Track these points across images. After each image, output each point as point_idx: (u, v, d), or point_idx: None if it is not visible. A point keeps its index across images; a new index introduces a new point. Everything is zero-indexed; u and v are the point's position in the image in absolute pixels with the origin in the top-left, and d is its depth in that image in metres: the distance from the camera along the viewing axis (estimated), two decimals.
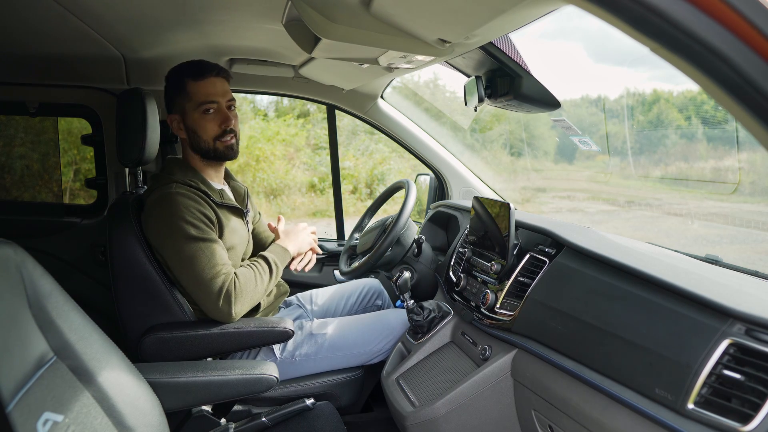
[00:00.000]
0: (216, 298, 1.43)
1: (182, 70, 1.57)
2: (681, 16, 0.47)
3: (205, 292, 1.43)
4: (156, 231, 1.48)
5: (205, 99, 1.54)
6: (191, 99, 1.55)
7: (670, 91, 5.43)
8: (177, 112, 1.58)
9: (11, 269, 0.87)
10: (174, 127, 1.60)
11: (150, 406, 1.05)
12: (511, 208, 1.41)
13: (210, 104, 1.55)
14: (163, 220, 1.46)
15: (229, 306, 1.44)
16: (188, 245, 1.44)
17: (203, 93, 1.54)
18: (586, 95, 6.93)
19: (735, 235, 3.68)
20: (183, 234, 1.44)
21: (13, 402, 0.76)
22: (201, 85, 1.54)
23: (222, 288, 1.43)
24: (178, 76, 1.57)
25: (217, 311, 1.44)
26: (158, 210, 1.48)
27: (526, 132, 6.13)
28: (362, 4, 1.12)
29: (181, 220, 1.44)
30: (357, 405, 1.78)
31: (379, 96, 2.31)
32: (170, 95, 1.59)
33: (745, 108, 0.49)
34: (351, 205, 7.55)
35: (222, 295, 1.43)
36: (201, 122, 1.55)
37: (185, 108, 1.56)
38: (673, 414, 0.82)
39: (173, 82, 1.57)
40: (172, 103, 1.59)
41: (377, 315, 1.77)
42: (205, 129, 1.56)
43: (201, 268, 1.43)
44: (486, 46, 1.45)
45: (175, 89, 1.57)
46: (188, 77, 1.55)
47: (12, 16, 1.40)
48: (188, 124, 1.57)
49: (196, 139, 1.57)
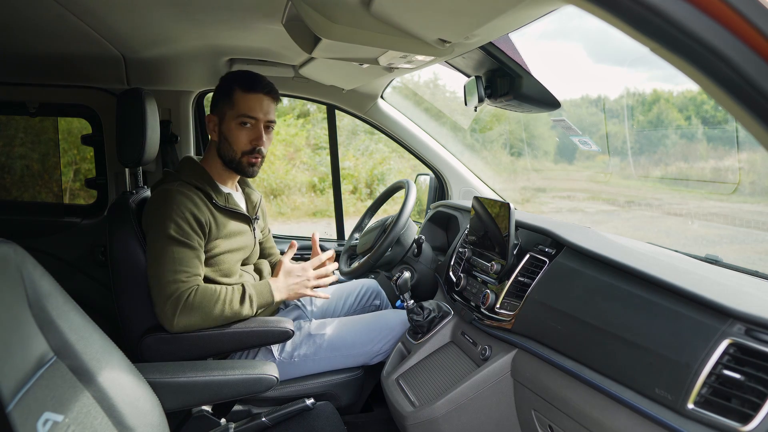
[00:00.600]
0: (164, 300, 1.41)
1: (236, 77, 1.59)
2: (681, 16, 0.47)
3: (156, 291, 1.43)
4: (146, 222, 1.51)
5: (246, 112, 1.56)
6: (233, 107, 1.57)
7: (670, 91, 5.43)
8: (217, 114, 1.60)
9: (11, 269, 0.87)
10: (210, 126, 1.61)
11: (150, 406, 1.05)
12: (511, 208, 1.41)
13: (249, 118, 1.57)
14: (154, 212, 1.48)
15: (173, 313, 1.40)
16: (163, 242, 1.44)
17: (246, 106, 1.56)
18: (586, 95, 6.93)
19: (735, 235, 3.68)
20: (163, 230, 1.44)
21: (13, 402, 0.76)
22: (247, 98, 1.56)
23: (173, 293, 1.41)
24: (229, 81, 1.59)
25: (161, 314, 1.42)
26: (153, 202, 1.50)
27: (526, 132, 6.13)
28: (362, 4, 1.12)
29: (168, 217, 1.45)
30: (357, 405, 1.78)
31: (379, 96, 2.31)
32: (216, 96, 1.61)
33: (745, 108, 0.49)
34: (351, 205, 7.55)
35: (170, 299, 1.41)
36: (235, 132, 1.57)
37: (225, 113, 1.58)
38: (673, 414, 0.82)
39: (223, 85, 1.59)
40: (216, 104, 1.60)
41: (376, 315, 1.77)
42: (237, 140, 1.57)
43: (164, 268, 1.43)
44: (486, 46, 1.45)
45: (222, 92, 1.59)
46: (238, 86, 1.57)
47: (12, 15, 1.40)
48: (223, 129, 1.59)
49: (226, 146, 1.59)
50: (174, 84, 2.17)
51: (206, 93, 2.38)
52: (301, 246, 2.47)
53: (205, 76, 2.20)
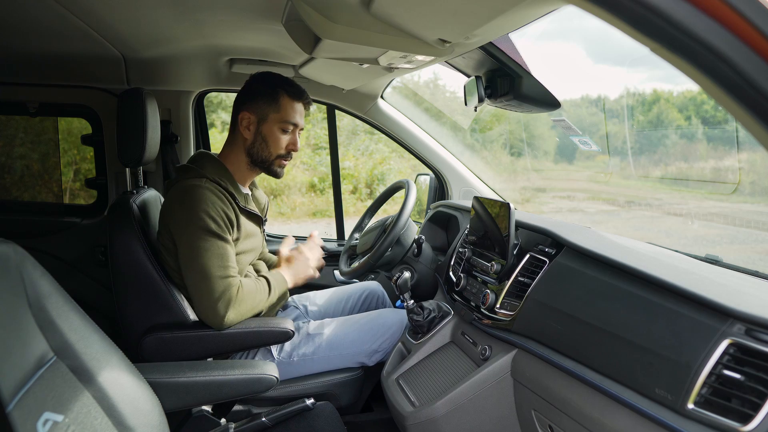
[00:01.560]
0: (217, 298, 1.42)
1: (282, 82, 1.61)
2: (681, 16, 0.47)
3: (207, 289, 1.42)
4: (174, 218, 1.48)
5: (291, 118, 1.60)
6: (279, 111, 1.59)
7: (670, 91, 5.42)
8: (255, 113, 1.59)
9: (11, 269, 0.87)
10: (243, 124, 1.60)
11: (150, 406, 1.05)
12: (511, 208, 1.41)
13: (292, 125, 1.61)
14: (186, 209, 1.45)
15: (225, 309, 1.42)
16: (203, 237, 1.43)
17: (292, 113, 1.60)
18: (586, 95, 6.92)
19: (735, 235, 3.68)
20: (201, 225, 1.43)
21: (13, 402, 0.76)
22: (294, 105, 1.60)
23: (226, 290, 1.42)
24: (275, 84, 1.60)
25: (212, 311, 1.42)
26: (183, 198, 1.47)
27: (526, 132, 6.12)
28: (362, 4, 1.12)
29: (204, 212, 1.44)
30: (357, 405, 1.78)
31: (379, 96, 2.31)
32: (256, 96, 1.59)
33: (745, 108, 0.49)
34: (351, 205, 7.55)
35: (224, 296, 1.42)
36: (276, 135, 1.60)
37: (268, 116, 1.59)
38: (673, 414, 0.82)
39: (268, 86, 1.60)
40: (254, 104, 1.59)
41: (375, 314, 1.77)
42: (276, 143, 1.60)
43: (211, 264, 1.42)
44: (486, 46, 1.45)
45: (266, 94, 1.59)
46: (285, 91, 1.59)
47: (12, 15, 1.40)
48: (262, 130, 1.59)
49: (262, 146, 1.60)
50: (174, 84, 2.17)
51: (206, 93, 2.38)
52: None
53: (205, 76, 2.20)
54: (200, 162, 1.58)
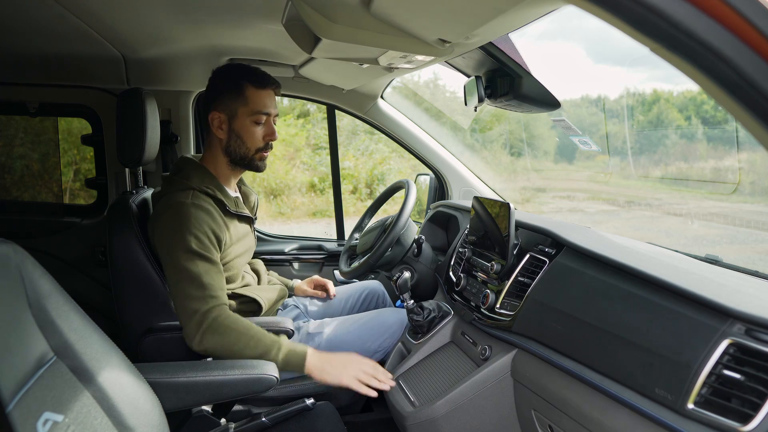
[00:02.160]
0: (188, 317, 1.37)
1: (243, 73, 1.54)
2: (681, 16, 0.47)
3: (181, 309, 1.39)
4: (161, 237, 1.45)
5: (261, 108, 1.53)
6: (247, 104, 1.52)
7: (670, 91, 5.42)
8: (224, 112, 1.54)
9: (11, 269, 0.87)
10: (214, 125, 1.55)
11: (150, 406, 1.05)
12: (511, 208, 1.41)
13: (264, 115, 1.54)
14: (171, 227, 1.42)
15: (196, 332, 1.36)
16: (184, 257, 1.39)
17: (261, 102, 1.53)
18: (586, 95, 6.92)
19: (735, 235, 3.68)
20: (183, 245, 1.39)
21: (13, 402, 0.76)
22: (261, 94, 1.53)
23: (197, 311, 1.37)
24: (237, 77, 1.53)
25: (186, 331, 1.38)
26: (168, 216, 1.44)
27: (526, 132, 6.12)
28: (362, 4, 1.12)
29: (187, 231, 1.40)
30: (357, 405, 1.78)
31: (379, 96, 2.31)
32: (221, 93, 1.54)
33: (745, 108, 0.49)
34: (351, 205, 7.55)
35: (198, 318, 1.37)
36: (250, 129, 1.54)
37: (237, 111, 1.53)
38: (673, 414, 0.82)
39: (230, 81, 1.53)
40: (221, 102, 1.53)
41: (374, 314, 1.77)
42: (252, 137, 1.55)
43: (187, 284, 1.38)
44: (486, 46, 1.45)
45: (230, 90, 1.53)
46: (249, 82, 1.52)
47: (12, 15, 1.40)
48: (235, 127, 1.54)
49: (238, 144, 1.55)
50: (174, 84, 2.17)
51: None
52: (301, 246, 2.47)
53: (205, 76, 2.17)
54: (185, 171, 1.54)
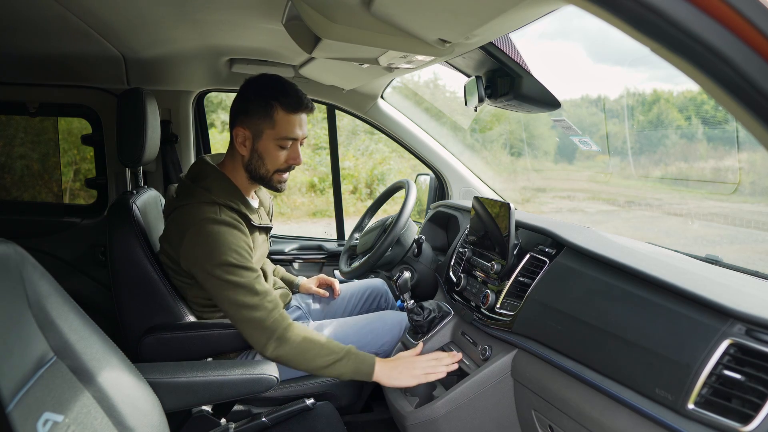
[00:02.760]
0: (257, 325, 1.34)
1: (275, 92, 1.45)
2: (681, 16, 0.47)
3: (246, 318, 1.35)
4: (190, 252, 1.39)
5: (288, 134, 1.47)
6: (275, 127, 1.46)
7: (670, 91, 5.42)
8: (250, 129, 1.47)
9: (11, 269, 0.87)
10: (238, 140, 1.48)
11: (150, 406, 1.05)
12: (511, 208, 1.41)
13: (291, 140, 1.48)
14: (204, 244, 1.37)
15: (268, 340, 1.34)
16: (230, 270, 1.35)
17: (290, 128, 1.46)
18: (586, 95, 6.91)
19: (735, 235, 3.68)
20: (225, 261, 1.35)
21: (13, 402, 0.76)
22: (291, 119, 1.46)
23: (268, 318, 1.35)
24: (267, 96, 1.45)
25: (254, 339, 1.36)
26: (198, 233, 1.38)
27: (526, 132, 6.12)
28: (362, 4, 1.12)
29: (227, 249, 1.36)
30: (357, 405, 1.78)
31: (379, 96, 2.31)
32: (249, 109, 1.46)
33: (745, 108, 0.49)
34: (351, 205, 7.55)
35: (264, 324, 1.34)
36: (273, 152, 1.48)
37: (263, 132, 1.46)
38: (673, 414, 0.82)
39: (261, 98, 1.45)
40: (248, 118, 1.46)
41: (376, 316, 1.77)
42: (274, 160, 1.49)
43: (244, 294, 1.35)
44: (486, 46, 1.45)
45: (259, 108, 1.45)
46: (281, 105, 1.45)
47: (12, 15, 1.40)
48: (258, 147, 1.48)
49: (258, 163, 1.49)
50: (174, 84, 2.17)
51: (206, 93, 2.38)
52: (301, 246, 2.47)
53: (205, 76, 2.20)
54: (208, 181, 1.48)
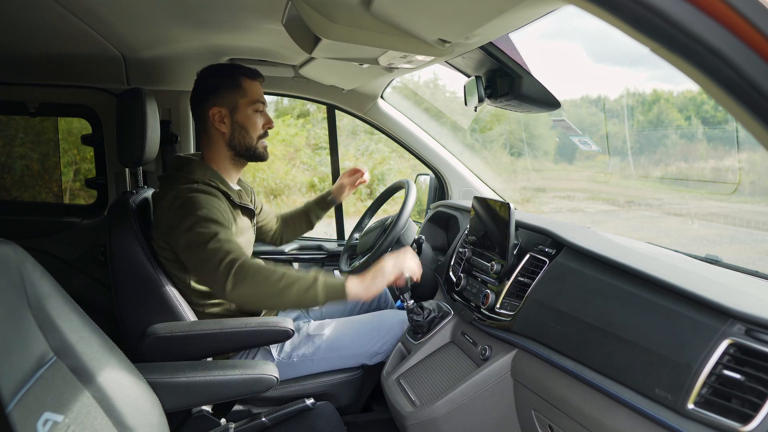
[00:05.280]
0: (215, 266, 1.34)
1: (236, 68, 1.62)
2: (681, 16, 0.47)
3: (206, 263, 1.36)
4: (169, 226, 1.45)
5: (259, 98, 1.62)
6: (246, 95, 1.59)
7: (670, 91, 5.42)
8: (225, 106, 1.59)
9: (11, 269, 0.87)
10: (216, 119, 1.59)
11: (150, 406, 1.05)
12: (511, 208, 1.41)
13: (261, 104, 1.63)
14: (179, 212, 1.43)
15: (226, 278, 1.32)
16: (198, 223, 1.39)
17: (258, 92, 1.62)
18: (586, 95, 6.91)
19: (735, 235, 3.68)
20: (195, 215, 1.40)
21: (13, 402, 0.76)
22: (256, 85, 1.62)
23: (225, 259, 1.34)
24: (232, 72, 1.61)
25: (213, 281, 1.35)
26: (176, 206, 1.44)
27: (526, 132, 6.12)
28: (362, 4, 1.12)
29: (199, 206, 1.42)
30: (357, 405, 1.78)
31: (379, 96, 2.31)
32: (218, 89, 1.59)
33: (745, 108, 0.49)
34: (351, 205, 7.55)
35: (221, 265, 1.34)
36: (252, 119, 1.61)
37: (238, 103, 1.59)
38: (673, 414, 0.82)
39: (227, 76, 1.60)
40: (220, 97, 1.59)
41: (375, 316, 1.77)
42: (255, 126, 1.61)
43: (206, 241, 1.37)
44: (486, 46, 1.45)
45: (227, 84, 1.59)
46: (244, 75, 1.60)
47: (12, 15, 1.40)
48: (238, 119, 1.60)
49: (242, 135, 1.60)
50: (174, 84, 2.17)
51: None
52: (301, 246, 2.47)
53: None
54: (187, 168, 1.55)
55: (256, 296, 1.34)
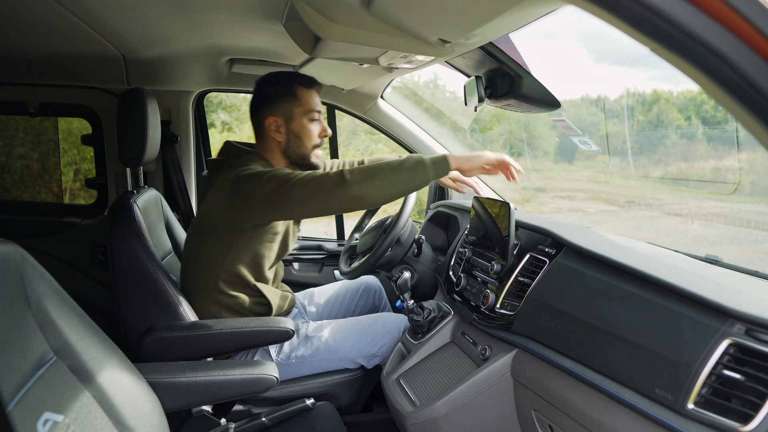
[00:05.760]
0: (324, 177, 1.39)
1: (292, 77, 1.64)
2: (681, 16, 0.47)
3: (313, 180, 1.39)
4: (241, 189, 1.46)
5: (314, 107, 1.63)
6: (302, 105, 1.61)
7: (670, 91, 5.41)
8: (280, 115, 1.61)
9: (11, 269, 0.87)
10: (272, 129, 1.61)
11: (150, 406, 1.05)
12: (511, 208, 1.41)
13: (317, 113, 1.64)
14: (251, 177, 1.45)
15: (340, 175, 1.37)
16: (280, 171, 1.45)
17: (313, 101, 1.63)
18: (586, 95, 6.90)
19: (735, 235, 3.67)
20: (274, 170, 1.46)
21: (13, 402, 0.76)
22: (311, 94, 1.63)
23: (329, 172, 1.40)
24: (288, 81, 1.62)
25: (333, 185, 1.37)
26: (246, 172, 1.47)
27: (526, 132, 6.11)
28: (362, 4, 1.12)
29: (269, 170, 1.47)
30: (357, 405, 1.78)
31: (379, 96, 2.31)
32: (274, 98, 1.61)
33: (745, 108, 0.49)
34: None
35: (330, 175, 1.38)
36: (308, 128, 1.62)
37: (293, 112, 1.61)
38: (673, 414, 0.82)
39: (282, 84, 1.61)
40: (276, 106, 1.61)
41: (374, 318, 1.76)
42: (310, 135, 1.63)
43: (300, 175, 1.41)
44: (486, 46, 1.45)
45: (283, 92, 1.60)
46: (299, 84, 1.61)
47: (12, 15, 1.40)
48: (293, 128, 1.61)
49: (297, 143, 1.62)
50: (174, 84, 2.17)
51: (206, 93, 2.38)
52: (301, 246, 2.47)
53: (205, 76, 2.20)
54: (245, 157, 1.58)
55: (374, 182, 1.38)
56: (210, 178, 1.60)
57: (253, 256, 1.58)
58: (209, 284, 1.57)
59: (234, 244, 1.54)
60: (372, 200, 1.41)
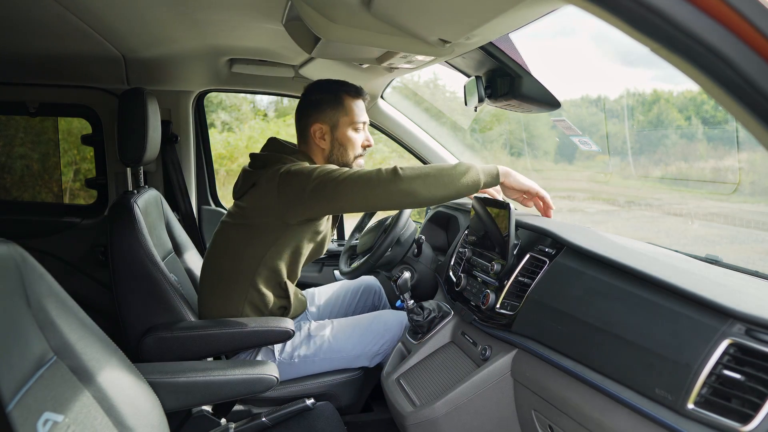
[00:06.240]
0: (373, 175, 1.39)
1: (340, 85, 1.65)
2: (681, 16, 0.47)
3: (362, 176, 1.40)
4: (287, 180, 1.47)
5: (360, 118, 1.65)
6: (348, 114, 1.63)
7: (670, 91, 5.41)
8: (326, 122, 1.62)
9: (11, 269, 0.87)
10: (317, 136, 1.63)
11: (150, 406, 1.05)
12: (511, 208, 1.41)
13: (362, 123, 1.66)
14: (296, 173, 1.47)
15: (394, 173, 1.38)
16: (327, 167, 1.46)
17: (359, 112, 1.65)
18: (586, 95, 6.90)
19: (735, 235, 3.67)
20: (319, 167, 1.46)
21: (13, 402, 0.76)
22: (358, 104, 1.65)
23: (380, 168, 1.41)
24: (336, 89, 1.63)
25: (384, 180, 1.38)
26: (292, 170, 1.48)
27: (526, 132, 6.11)
28: (362, 4, 1.12)
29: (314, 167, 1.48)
30: (357, 405, 1.78)
31: (379, 96, 2.31)
32: (321, 105, 1.62)
33: (745, 108, 0.49)
34: None
35: (380, 172, 1.39)
36: (352, 138, 1.64)
37: (339, 121, 1.62)
38: (673, 414, 0.82)
39: (329, 93, 1.63)
40: (323, 114, 1.62)
41: (374, 316, 1.77)
42: (354, 145, 1.65)
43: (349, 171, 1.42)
44: (486, 46, 1.45)
45: (330, 101, 1.62)
46: (347, 93, 1.63)
47: (12, 15, 1.40)
48: (337, 136, 1.63)
49: (341, 152, 1.64)
50: (174, 84, 2.17)
51: (206, 93, 2.38)
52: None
53: (205, 76, 2.20)
54: (295, 155, 1.60)
55: (426, 180, 1.39)
56: (254, 173, 1.58)
57: (293, 252, 1.58)
58: (242, 278, 1.56)
59: (278, 239, 1.54)
60: (421, 198, 1.40)
